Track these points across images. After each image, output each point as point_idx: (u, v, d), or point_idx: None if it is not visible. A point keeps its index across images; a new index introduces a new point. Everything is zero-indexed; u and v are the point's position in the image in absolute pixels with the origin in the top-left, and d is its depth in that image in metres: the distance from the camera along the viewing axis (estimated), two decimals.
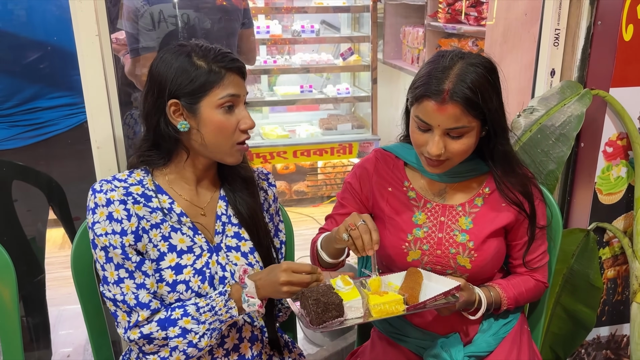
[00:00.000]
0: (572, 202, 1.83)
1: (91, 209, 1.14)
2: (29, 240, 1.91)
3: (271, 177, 1.38)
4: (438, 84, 1.16)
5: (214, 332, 1.13)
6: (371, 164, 1.39)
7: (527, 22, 1.92)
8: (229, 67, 1.15)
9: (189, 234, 1.20)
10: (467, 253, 1.29)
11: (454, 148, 1.20)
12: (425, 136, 1.22)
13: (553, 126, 1.62)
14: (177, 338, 1.11)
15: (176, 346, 1.11)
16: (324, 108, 4.33)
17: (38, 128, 1.83)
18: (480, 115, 1.18)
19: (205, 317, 1.12)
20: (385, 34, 4.14)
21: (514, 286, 1.34)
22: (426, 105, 1.18)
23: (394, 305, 1.12)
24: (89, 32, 1.32)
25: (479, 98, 1.16)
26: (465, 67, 1.17)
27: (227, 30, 2.15)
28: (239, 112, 1.17)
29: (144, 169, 1.21)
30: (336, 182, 4.08)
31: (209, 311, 1.12)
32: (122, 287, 1.12)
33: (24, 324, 1.93)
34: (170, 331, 1.11)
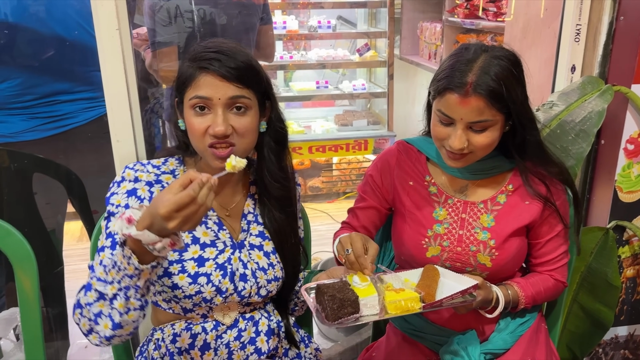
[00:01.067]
0: (591, 200, 1.81)
1: (117, 182, 1.15)
2: (49, 233, 1.94)
3: (297, 177, 1.35)
4: (461, 77, 1.14)
5: (128, 291, 0.98)
6: (393, 157, 1.38)
7: (547, 18, 1.90)
8: (202, 66, 1.08)
9: (214, 229, 1.20)
10: (488, 251, 1.28)
11: (477, 142, 1.18)
12: (447, 130, 1.20)
13: (573, 122, 1.59)
14: (97, 302, 1.00)
15: (100, 311, 1.00)
16: (339, 104, 4.32)
17: (57, 120, 1.85)
18: (504, 108, 1.16)
19: (111, 275, 0.98)
20: (402, 30, 4.12)
21: (532, 285, 1.33)
22: (449, 98, 1.16)
23: (410, 302, 1.11)
24: (109, 26, 1.33)
25: (503, 91, 1.14)
26: (489, 60, 1.15)
27: (245, 25, 2.15)
28: (213, 117, 1.08)
29: (178, 158, 1.22)
30: (351, 178, 4.07)
31: (113, 268, 0.98)
32: (100, 254, 1.08)
33: (43, 314, 1.96)
34: (89, 296, 1.00)
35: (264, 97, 1.17)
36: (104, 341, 1.02)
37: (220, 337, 1.21)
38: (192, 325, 1.21)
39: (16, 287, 1.26)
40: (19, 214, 1.86)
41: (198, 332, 1.20)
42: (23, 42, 1.78)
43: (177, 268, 1.15)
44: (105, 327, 1.00)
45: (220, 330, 1.21)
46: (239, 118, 1.11)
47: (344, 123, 3.87)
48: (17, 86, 1.78)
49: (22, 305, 1.27)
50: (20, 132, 1.83)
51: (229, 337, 1.21)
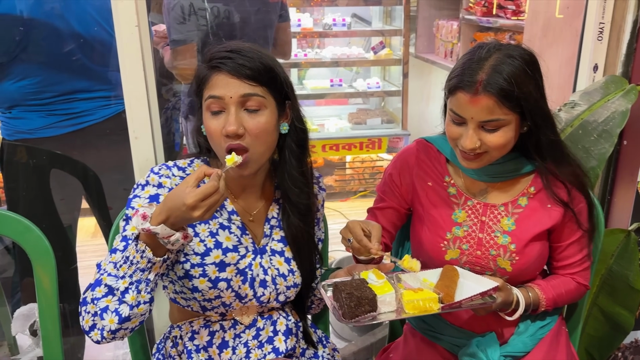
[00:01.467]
0: (613, 202, 1.78)
1: (141, 184, 1.13)
2: (65, 229, 1.94)
3: (322, 181, 1.34)
4: (472, 75, 1.12)
5: (139, 285, 1.01)
6: (412, 156, 1.36)
7: (568, 16, 1.87)
8: (213, 65, 1.08)
9: (237, 233, 1.19)
10: (508, 256, 1.26)
11: (490, 141, 1.16)
12: (460, 129, 1.18)
13: (595, 122, 1.57)
14: (104, 297, 1.01)
15: (107, 306, 1.01)
16: (353, 102, 4.31)
17: (74, 117, 1.86)
18: (517, 107, 1.13)
19: (123, 270, 1.01)
20: (418, 28, 4.09)
21: (553, 287, 1.30)
22: (459, 97, 1.15)
23: (429, 302, 1.10)
24: (128, 23, 1.33)
25: (514, 89, 1.11)
26: (501, 59, 1.13)
27: (264, 22, 2.14)
28: (226, 116, 1.07)
29: (204, 159, 1.20)
30: (364, 177, 4.06)
31: (124, 263, 1.01)
32: (111, 256, 1.06)
33: (60, 310, 1.97)
34: (97, 292, 1.02)
35: (283, 97, 1.14)
36: (107, 335, 1.02)
37: (239, 336, 1.21)
38: (210, 323, 1.21)
39: (35, 283, 1.26)
40: (37, 210, 1.87)
41: (216, 330, 1.20)
42: (43, 39, 1.78)
43: (199, 271, 1.14)
44: (110, 322, 1.01)
45: (238, 329, 1.21)
46: (253, 118, 1.08)
47: (358, 121, 3.86)
48: (37, 84, 1.79)
49: (40, 301, 1.28)
50: (39, 129, 1.83)
51: (247, 336, 1.21)
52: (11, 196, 1.90)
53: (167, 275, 1.17)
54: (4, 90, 1.79)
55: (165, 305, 1.51)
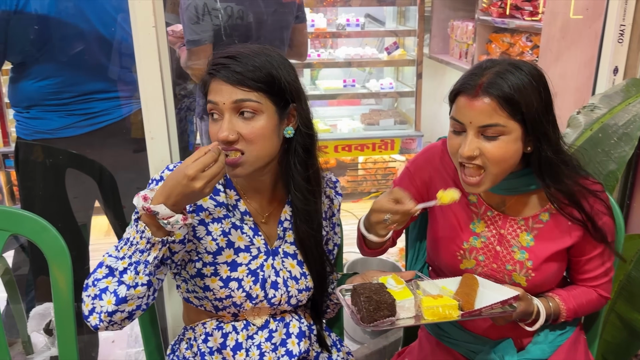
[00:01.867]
0: (632, 206, 1.75)
1: (155, 180, 1.14)
2: (80, 228, 1.95)
3: (339, 186, 1.33)
4: (473, 80, 1.10)
5: (138, 266, 1.02)
6: (437, 155, 1.32)
7: (588, 18, 1.84)
8: (210, 71, 1.08)
9: (249, 234, 1.19)
10: (524, 272, 1.23)
11: (489, 151, 1.10)
12: (459, 139, 1.13)
13: (616, 125, 1.55)
14: (105, 279, 1.03)
15: (106, 287, 1.03)
16: (365, 103, 4.29)
17: (93, 117, 1.86)
18: (517, 114, 1.09)
19: (123, 252, 1.03)
20: (433, 28, 4.06)
21: (574, 298, 1.27)
22: (459, 101, 1.12)
23: (448, 309, 1.08)
24: (145, 23, 1.32)
25: (515, 95, 1.07)
26: (507, 67, 1.10)
27: (280, 23, 2.14)
28: (221, 122, 1.07)
29: None
30: (377, 178, 4.04)
31: (125, 244, 1.03)
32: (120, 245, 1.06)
33: (75, 309, 1.97)
34: (98, 273, 1.04)
35: (284, 100, 1.11)
36: (104, 318, 1.03)
37: (252, 338, 1.20)
38: (223, 324, 1.21)
39: (51, 283, 1.27)
40: (52, 209, 1.88)
41: (229, 332, 1.20)
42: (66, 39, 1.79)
43: (210, 270, 1.15)
44: (108, 302, 1.02)
45: (250, 330, 1.20)
46: (247, 123, 1.06)
47: (371, 122, 3.84)
48: (58, 84, 1.80)
49: (56, 301, 1.28)
50: (58, 129, 1.84)
51: (260, 337, 1.20)
52: (26, 195, 1.91)
53: (180, 275, 1.18)
54: (24, 89, 1.81)
55: (179, 306, 1.51)
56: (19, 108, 1.85)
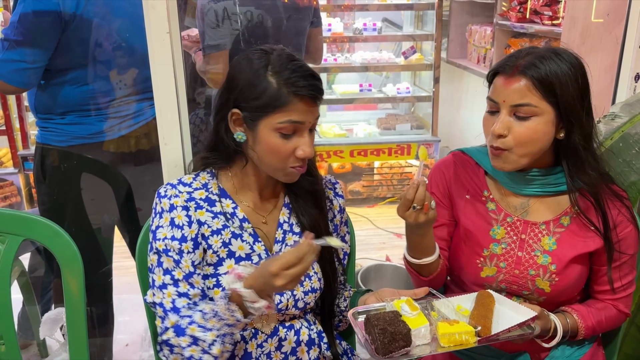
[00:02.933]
0: None
1: (158, 212, 1.15)
2: (95, 231, 1.96)
3: (338, 187, 1.33)
4: (512, 61, 1.13)
5: (225, 338, 1.06)
6: (449, 168, 1.31)
7: (609, 23, 1.81)
8: (299, 93, 1.07)
9: (249, 241, 1.18)
10: (548, 276, 1.21)
11: (517, 131, 1.12)
12: (493, 119, 1.16)
13: (637, 134, 1.50)
14: (189, 347, 1.05)
15: (191, 355, 1.06)
16: (382, 107, 4.27)
17: (128, 119, 1.89)
18: (552, 98, 1.10)
19: (211, 323, 1.05)
20: (450, 33, 4.03)
21: (593, 314, 1.24)
22: (496, 82, 1.14)
23: (465, 335, 1.05)
24: (160, 29, 1.33)
25: (552, 77, 1.09)
26: (548, 53, 1.12)
27: (297, 28, 2.14)
28: (299, 139, 1.10)
29: (210, 171, 1.21)
30: (392, 183, 4.01)
31: (214, 317, 1.05)
32: (165, 292, 1.11)
33: (88, 313, 1.99)
34: (182, 340, 1.06)
35: None
36: None
37: (261, 346, 1.19)
38: None
39: (63, 288, 1.27)
40: (67, 214, 1.89)
41: (237, 341, 1.19)
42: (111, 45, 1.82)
43: (212, 282, 1.15)
44: None
45: (259, 338, 1.19)
46: (312, 140, 1.13)
47: (387, 127, 3.82)
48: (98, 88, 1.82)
49: (67, 306, 1.29)
50: (98, 133, 1.86)
51: (269, 346, 1.19)
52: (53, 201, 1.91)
53: None
54: (63, 95, 1.81)
55: None
56: (50, 115, 1.84)
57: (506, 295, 1.26)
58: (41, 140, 1.87)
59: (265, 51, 1.11)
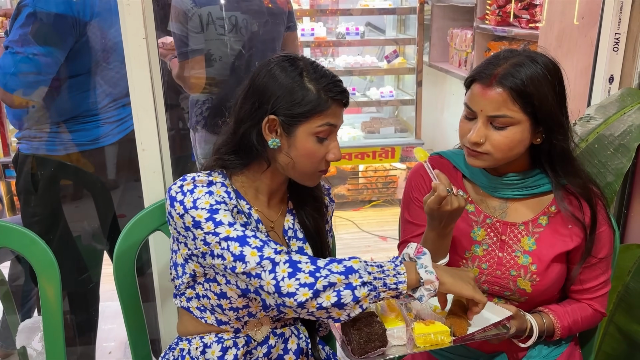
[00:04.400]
0: (630, 217, 1.73)
1: (189, 190, 1.10)
2: (75, 239, 1.95)
3: (332, 194, 1.35)
4: (489, 69, 1.12)
5: (374, 291, 1.01)
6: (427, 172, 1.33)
7: (584, 26, 1.84)
8: (337, 98, 1.11)
9: None
10: (529, 276, 1.21)
11: (495, 139, 1.13)
12: (470, 125, 1.16)
13: (612, 136, 1.53)
14: (338, 274, 0.99)
15: (335, 282, 0.99)
16: (366, 111, 4.29)
17: (122, 123, 1.88)
18: (528, 107, 1.10)
19: (372, 269, 1.03)
20: (432, 37, 4.07)
21: (568, 314, 1.24)
22: (473, 89, 1.14)
23: (440, 335, 1.06)
24: (136, 34, 1.32)
25: (528, 89, 1.09)
26: (524, 60, 1.11)
27: (272, 33, 2.15)
28: (330, 142, 1.14)
29: (221, 172, 1.18)
30: (377, 186, 4.03)
31: (378, 267, 1.03)
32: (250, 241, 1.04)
33: (68, 321, 1.96)
34: (332, 266, 1.01)
35: None
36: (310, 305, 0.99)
37: (250, 353, 1.19)
38: (223, 340, 1.19)
39: (39, 295, 1.26)
40: (48, 222, 1.87)
41: (229, 346, 1.18)
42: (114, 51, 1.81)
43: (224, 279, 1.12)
44: (327, 298, 0.99)
45: (251, 346, 1.19)
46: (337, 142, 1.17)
47: (371, 130, 3.83)
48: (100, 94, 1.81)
49: (44, 313, 1.27)
50: (99, 138, 1.85)
51: (258, 353, 1.19)
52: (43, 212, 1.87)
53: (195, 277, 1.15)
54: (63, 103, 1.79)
55: (172, 316, 1.50)
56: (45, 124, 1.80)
57: (487, 297, 1.27)
58: (31, 151, 1.82)
59: (291, 59, 1.14)
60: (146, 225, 1.33)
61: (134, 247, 1.31)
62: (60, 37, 1.67)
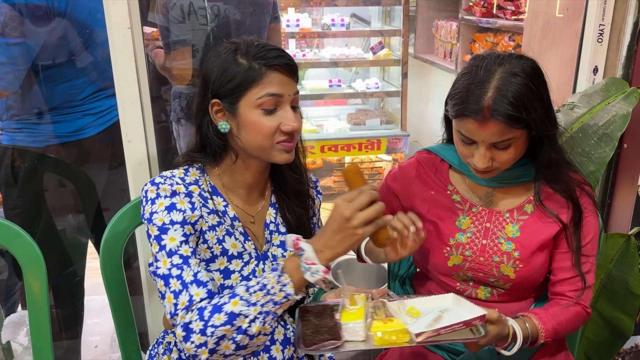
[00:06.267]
0: (613, 206, 1.76)
1: (151, 199, 1.08)
2: (60, 232, 1.92)
3: (319, 185, 1.33)
4: (477, 102, 1.09)
5: (267, 316, 0.99)
6: (413, 169, 1.35)
7: (568, 18, 1.85)
8: (271, 64, 1.07)
9: (240, 239, 1.17)
10: (512, 263, 1.23)
11: (502, 158, 1.15)
12: (471, 149, 1.17)
13: (596, 125, 1.55)
14: (223, 326, 0.96)
15: (223, 335, 0.97)
16: (352, 103, 4.28)
17: (103, 115, 1.86)
18: (524, 124, 1.10)
19: (256, 297, 0.99)
20: (417, 28, 4.07)
21: (552, 316, 1.20)
22: (467, 122, 1.12)
23: (396, 334, 1.01)
24: (121, 25, 1.31)
25: (522, 112, 1.08)
26: (505, 78, 1.09)
27: (258, 24, 2.13)
28: (283, 114, 1.08)
29: (199, 167, 1.17)
30: None
31: (260, 290, 0.99)
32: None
33: (54, 315, 1.95)
34: (214, 319, 0.97)
35: None
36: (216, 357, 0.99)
37: None
38: None
39: (25, 290, 1.25)
40: (37, 215, 1.85)
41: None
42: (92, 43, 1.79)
43: None
44: (226, 347, 0.98)
45: None
46: (297, 115, 1.12)
47: (357, 122, 3.83)
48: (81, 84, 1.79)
49: (30, 308, 1.26)
50: (78, 131, 1.83)
51: None
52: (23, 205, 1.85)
53: None
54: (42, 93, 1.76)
55: (159, 310, 1.50)
56: (24, 115, 1.78)
57: (473, 284, 1.29)
58: (11, 142, 1.80)
59: (232, 42, 1.12)
60: (132, 217, 1.32)
61: (121, 240, 1.30)
62: (35, 28, 1.65)
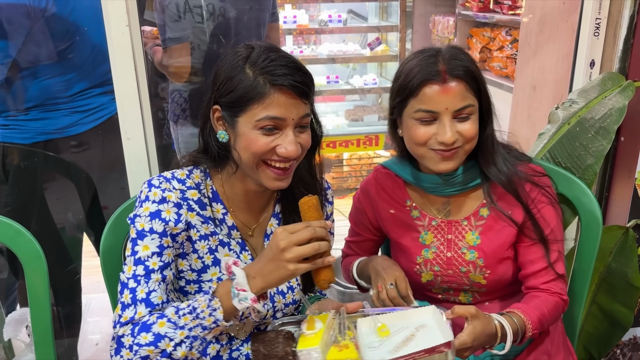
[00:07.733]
0: (611, 198, 1.77)
1: (141, 200, 1.05)
2: (59, 230, 1.93)
3: (330, 194, 1.27)
4: (433, 67, 1.11)
5: (195, 341, 0.95)
6: (372, 187, 1.34)
7: (565, 11, 1.85)
8: (276, 83, 0.96)
9: (236, 250, 1.14)
10: (479, 270, 1.22)
11: (465, 130, 1.13)
12: (432, 128, 1.13)
13: (593, 119, 1.55)
14: (147, 346, 0.93)
15: (147, 356, 0.93)
16: (349, 99, 4.29)
17: (94, 113, 1.85)
18: (478, 93, 1.14)
19: (184, 320, 0.95)
20: (414, 23, 4.06)
21: (534, 308, 1.16)
22: (427, 91, 1.11)
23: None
24: (119, 22, 1.31)
25: (475, 71, 1.13)
26: (451, 50, 1.15)
27: (257, 20, 2.12)
28: (283, 138, 0.99)
29: (203, 170, 1.12)
30: (362, 174, 4.04)
31: (190, 313, 0.95)
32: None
33: (55, 312, 1.95)
34: (141, 337, 0.94)
35: None
36: None
37: (237, 350, 1.16)
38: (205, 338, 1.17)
39: (26, 288, 1.25)
40: (30, 213, 1.85)
41: (211, 342, 1.14)
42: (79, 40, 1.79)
43: (194, 288, 1.10)
44: None
45: (234, 345, 1.16)
46: (302, 135, 1.03)
47: (355, 118, 3.84)
48: (67, 81, 1.79)
49: (32, 306, 1.26)
50: (66, 128, 1.82)
51: (246, 349, 1.16)
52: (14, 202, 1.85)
53: None
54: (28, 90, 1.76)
55: None
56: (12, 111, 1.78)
57: (453, 292, 1.29)
58: (1, 139, 1.81)
59: (250, 45, 1.04)
60: None
61: (121, 239, 1.31)
62: (14, 27, 1.65)
